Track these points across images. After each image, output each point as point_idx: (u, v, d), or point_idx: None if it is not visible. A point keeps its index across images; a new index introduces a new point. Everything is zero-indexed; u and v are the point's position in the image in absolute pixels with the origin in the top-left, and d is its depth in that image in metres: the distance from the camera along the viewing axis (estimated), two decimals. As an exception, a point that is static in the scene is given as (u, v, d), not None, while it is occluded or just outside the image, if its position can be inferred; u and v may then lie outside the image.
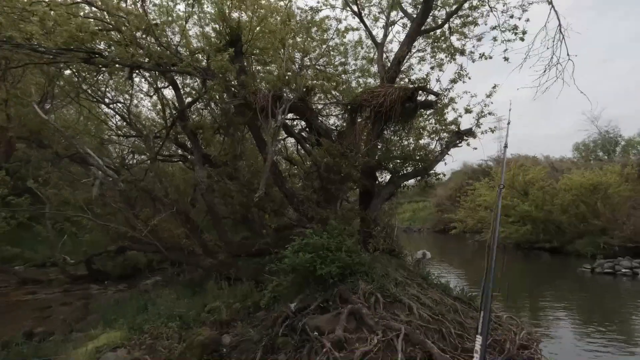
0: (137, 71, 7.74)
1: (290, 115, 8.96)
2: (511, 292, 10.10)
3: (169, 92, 9.31)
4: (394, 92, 6.16)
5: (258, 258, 6.96)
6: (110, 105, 10.18)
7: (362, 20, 7.87)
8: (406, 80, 7.37)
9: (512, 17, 7.07)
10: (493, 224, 1.53)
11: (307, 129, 8.40)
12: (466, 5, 7.33)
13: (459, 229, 23.53)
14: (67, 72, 8.24)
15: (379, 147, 6.66)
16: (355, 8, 7.89)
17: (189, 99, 8.86)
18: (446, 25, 7.62)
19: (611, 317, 7.84)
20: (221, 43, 6.80)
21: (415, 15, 7.27)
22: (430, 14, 7.31)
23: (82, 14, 6.04)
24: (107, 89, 9.90)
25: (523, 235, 18.49)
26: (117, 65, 6.30)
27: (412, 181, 6.92)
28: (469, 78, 6.87)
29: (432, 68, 7.65)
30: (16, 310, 7.70)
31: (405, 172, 6.34)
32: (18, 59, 6.09)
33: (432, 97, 6.51)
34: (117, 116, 10.50)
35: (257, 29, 6.95)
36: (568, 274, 13.23)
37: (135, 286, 9.68)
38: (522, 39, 7.28)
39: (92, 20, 5.92)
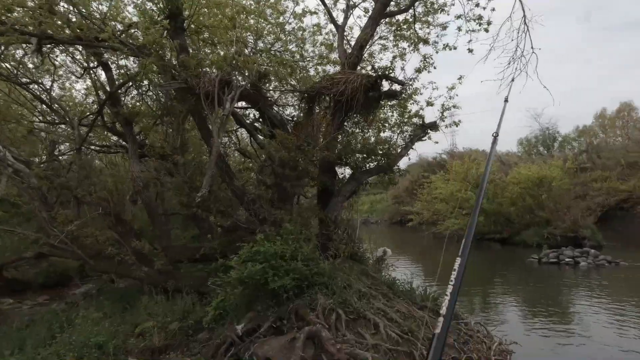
0: (53, 45, 6.47)
1: (241, 104, 8.13)
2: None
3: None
4: (356, 80, 5.56)
5: (203, 265, 6.12)
6: (32, 87, 8.61)
7: (321, 0, 7.16)
8: (369, 68, 6.80)
9: (477, 5, 6.73)
10: (466, 240, 1.41)
11: (260, 120, 7.62)
12: (431, -11, 6.89)
13: (416, 221, 23.94)
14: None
15: (339, 140, 6.06)
16: (313, -14, 7.16)
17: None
18: (410, 11, 7.14)
19: (552, 302, 8.57)
20: (159, 17, 5.79)
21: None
22: (395, -3, 6.80)
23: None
24: (27, 68, 8.35)
25: (476, 226, 19.05)
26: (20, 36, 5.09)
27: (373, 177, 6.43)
28: (435, 68, 6.47)
29: (394, 58, 7.16)
30: None
31: (367, 167, 5.81)
32: None
33: (396, 87, 6.01)
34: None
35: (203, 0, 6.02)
36: (517, 264, 13.69)
37: (62, 297, 8.38)
38: (486, 30, 6.99)
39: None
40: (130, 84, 7.85)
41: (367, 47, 6.32)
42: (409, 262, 15.00)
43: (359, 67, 6.20)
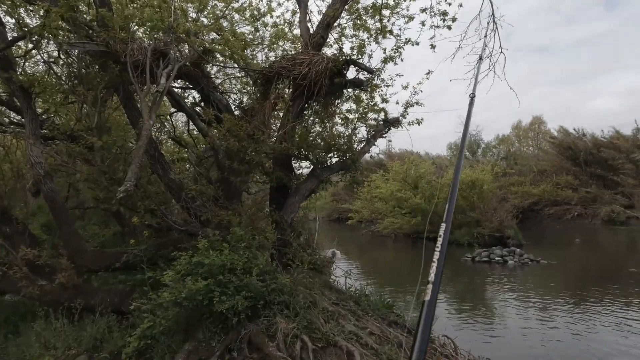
0: None
1: (178, 84, 6.95)
2: (402, 275, 11.92)
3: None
4: (321, 62, 4.84)
5: (126, 275, 4.94)
6: None
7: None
8: (334, 51, 6.11)
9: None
10: (449, 206, 1.42)
11: (201, 104, 6.54)
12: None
13: (355, 219, 24.10)
14: None
15: (297, 130, 5.30)
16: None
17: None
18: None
19: (482, 298, 9.45)
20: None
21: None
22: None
23: None
24: None
25: (413, 225, 19.66)
26: None
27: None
28: (402, 60, 6.00)
29: (362, 43, 6.57)
30: None
31: (329, 163, 5.14)
32: None
33: (362, 76, 5.43)
34: None
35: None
36: (453, 263, 14.21)
37: None
38: (449, 28, 6.73)
39: None
40: (31, 45, 6.20)
41: (335, 26, 5.63)
42: (353, 262, 14.80)
43: (323, 49, 5.49)
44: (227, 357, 3.11)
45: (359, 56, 5.21)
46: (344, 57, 4.97)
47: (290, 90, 5.09)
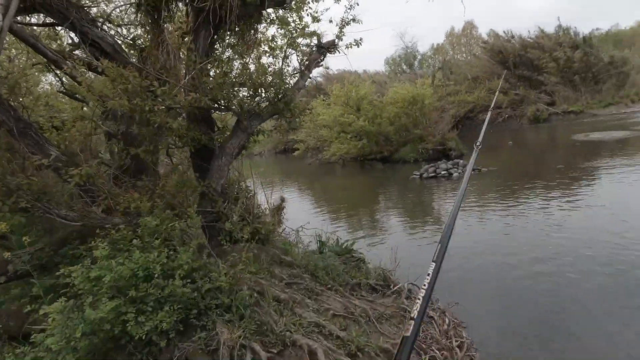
0: None
1: (38, 19, 5.10)
2: (355, 202, 12.37)
3: None
4: (224, -27, 3.52)
5: (20, 289, 3.87)
6: None
7: None
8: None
9: None
10: (441, 246, 1.24)
11: (81, 46, 4.87)
12: None
13: (302, 149, 23.40)
14: None
15: (211, 72, 4.10)
16: None
17: None
18: None
19: (428, 211, 10.10)
20: None
21: None
22: None
23: None
24: None
25: (360, 149, 19.51)
26: None
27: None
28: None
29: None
30: None
31: (258, 110, 4.12)
32: None
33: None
34: None
35: None
36: (402, 181, 14.49)
37: None
38: None
39: None
40: None
41: None
42: (304, 197, 14.48)
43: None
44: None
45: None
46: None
47: (191, 18, 3.76)
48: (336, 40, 5.32)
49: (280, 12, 4.69)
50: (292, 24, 4.81)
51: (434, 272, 1.22)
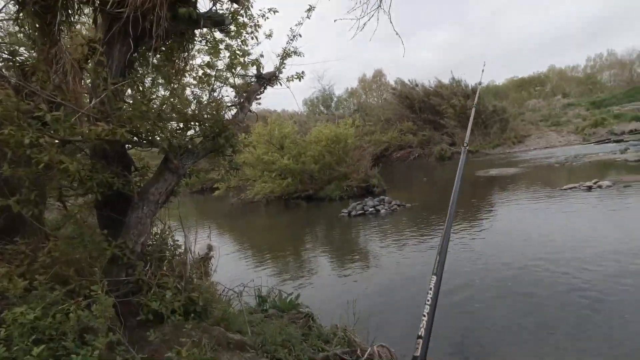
0: None
1: None
2: (279, 243, 11.94)
3: None
4: (150, -23, 2.81)
5: None
6: None
7: None
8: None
9: None
10: (440, 257, 1.31)
11: None
12: None
13: (222, 188, 21.92)
14: None
15: (128, 97, 3.22)
16: None
17: None
18: None
19: (354, 248, 10.19)
20: None
21: None
22: None
23: None
24: None
25: (285, 187, 19.01)
26: None
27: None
28: (275, -10, 4.35)
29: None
30: None
31: (191, 146, 3.29)
32: None
33: (225, 10, 3.62)
34: None
35: None
36: (331, 220, 14.25)
37: None
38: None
39: None
40: None
41: None
42: (232, 244, 13.16)
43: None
44: None
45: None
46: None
47: (101, 25, 2.91)
48: (277, 73, 4.85)
49: (220, 34, 4.07)
50: (232, 49, 4.20)
51: (436, 285, 1.22)
